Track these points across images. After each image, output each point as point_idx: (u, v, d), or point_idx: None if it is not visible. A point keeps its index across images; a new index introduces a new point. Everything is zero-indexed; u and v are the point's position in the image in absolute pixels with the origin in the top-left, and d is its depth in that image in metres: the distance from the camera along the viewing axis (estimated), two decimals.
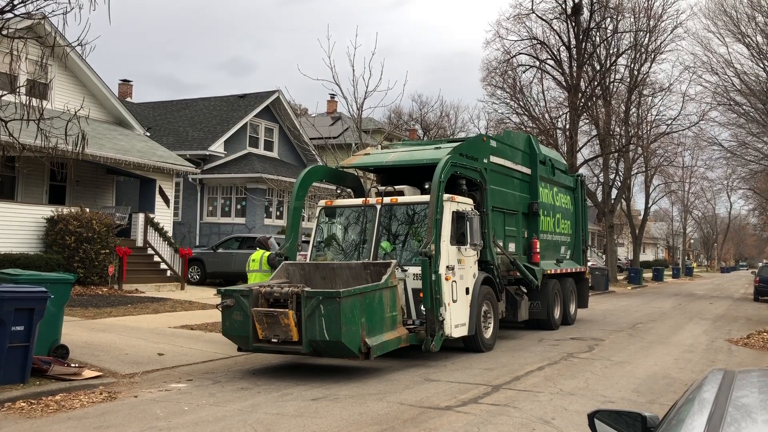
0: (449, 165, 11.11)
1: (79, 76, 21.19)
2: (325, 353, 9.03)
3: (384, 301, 9.31)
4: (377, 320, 9.09)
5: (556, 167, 16.44)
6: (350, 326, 8.53)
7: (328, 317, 8.47)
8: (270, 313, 8.80)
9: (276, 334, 8.83)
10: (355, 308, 8.65)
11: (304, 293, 8.69)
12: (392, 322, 9.48)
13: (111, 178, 23.11)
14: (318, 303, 8.54)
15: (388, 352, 9.39)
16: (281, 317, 8.70)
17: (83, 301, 15.34)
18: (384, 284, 9.38)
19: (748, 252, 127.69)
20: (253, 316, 8.92)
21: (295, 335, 8.72)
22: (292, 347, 8.86)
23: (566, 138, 37.05)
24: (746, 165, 38.66)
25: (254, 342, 9.04)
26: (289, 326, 8.68)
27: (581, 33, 36.39)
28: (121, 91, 32.89)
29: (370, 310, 8.95)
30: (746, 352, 12.90)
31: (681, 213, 72.66)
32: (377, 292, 9.18)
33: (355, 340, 8.62)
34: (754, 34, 25.03)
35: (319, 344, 8.66)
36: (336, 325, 8.42)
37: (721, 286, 45.88)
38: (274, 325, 8.81)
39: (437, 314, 10.04)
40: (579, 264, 17.31)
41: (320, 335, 8.52)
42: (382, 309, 9.27)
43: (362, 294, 8.87)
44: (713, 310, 23.29)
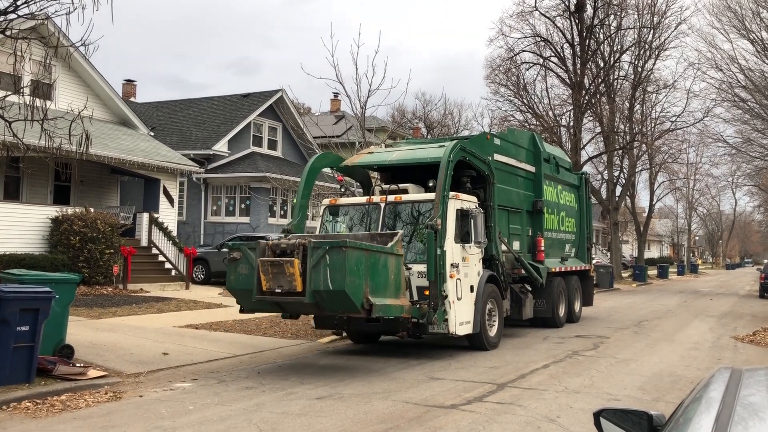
0: (458, 148, 11.23)
1: (82, 76, 21.22)
2: (328, 306, 8.80)
3: (389, 266, 9.22)
4: (381, 282, 8.97)
5: (560, 165, 16.40)
6: (354, 278, 8.40)
7: (333, 267, 8.35)
8: (276, 262, 8.67)
9: (280, 285, 8.69)
10: (360, 263, 8.52)
11: (311, 243, 8.63)
12: (396, 289, 9.34)
13: (115, 178, 23.14)
14: (324, 253, 8.42)
15: (391, 349, 9.39)
16: (287, 266, 8.57)
17: (88, 301, 15.37)
18: (390, 249, 9.33)
19: (753, 249, 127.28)
20: (258, 267, 8.78)
21: (299, 285, 8.57)
22: (295, 298, 8.69)
23: (570, 135, 36.97)
24: (751, 161, 38.52)
25: (257, 294, 8.87)
26: (294, 276, 8.55)
27: (585, 30, 36.29)
28: (125, 91, 32.94)
29: (374, 270, 8.84)
30: (752, 349, 12.86)
31: (686, 210, 72.45)
32: (383, 255, 9.10)
33: (358, 294, 8.46)
34: (758, 30, 24.92)
35: (323, 295, 8.51)
36: (341, 275, 8.30)
37: (727, 283, 45.75)
38: (278, 275, 8.68)
39: (440, 288, 10.00)
40: (584, 262, 17.27)
41: (324, 285, 8.39)
42: (387, 273, 9.17)
43: (368, 251, 8.76)
44: (719, 307, 23.22)
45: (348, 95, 19.02)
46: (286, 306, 9.11)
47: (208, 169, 27.07)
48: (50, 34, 14.80)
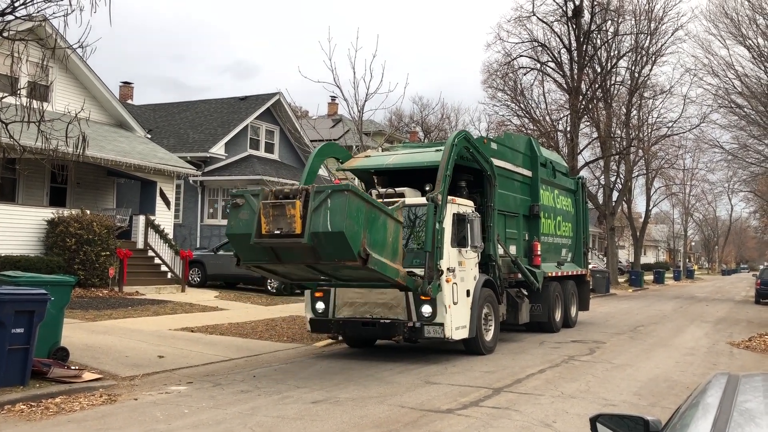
0: (463, 136, 11.50)
1: (80, 78, 21.19)
2: (324, 252, 8.66)
3: (388, 227, 9.24)
4: (379, 240, 8.98)
5: (557, 170, 16.43)
6: (353, 224, 8.43)
7: (333, 210, 8.42)
8: (278, 204, 8.71)
9: (279, 227, 8.69)
10: (360, 212, 8.57)
11: (314, 188, 8.76)
12: (393, 253, 9.30)
13: (112, 180, 23.09)
14: (326, 197, 8.51)
15: (387, 353, 9.37)
16: (288, 207, 8.61)
17: (83, 303, 15.33)
18: (390, 211, 9.37)
19: (749, 254, 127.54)
20: (260, 210, 8.81)
21: (298, 227, 8.57)
22: (293, 240, 8.63)
23: (567, 140, 37.02)
24: (747, 167, 38.61)
25: (256, 237, 8.84)
26: (294, 217, 8.57)
27: (582, 35, 36.38)
28: (122, 93, 32.90)
29: (373, 225, 8.87)
30: (748, 355, 12.87)
31: (682, 215, 72.62)
32: (383, 214, 9.13)
33: (356, 240, 8.43)
34: (755, 37, 25.01)
35: (320, 238, 8.49)
36: (340, 217, 8.36)
37: (723, 288, 45.82)
38: (279, 218, 8.70)
39: (437, 262, 10.03)
40: (580, 266, 17.28)
41: (323, 227, 8.42)
42: (385, 233, 9.18)
43: (369, 204, 8.80)
44: (714, 312, 23.25)
45: (345, 99, 19.05)
46: (282, 252, 9.02)
47: (204, 172, 27.04)
48: (48, 36, 14.78)
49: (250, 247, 9.05)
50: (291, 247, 8.82)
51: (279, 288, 21.01)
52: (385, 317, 10.66)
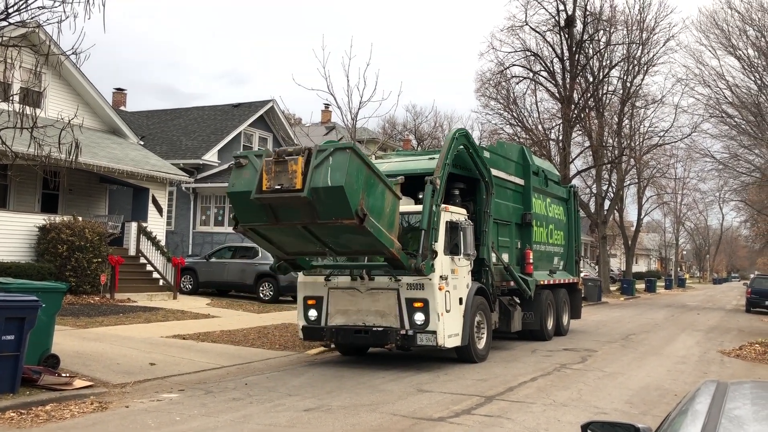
0: (463, 133, 11.92)
1: (73, 85, 21.16)
2: (323, 207, 8.73)
3: (386, 198, 9.37)
4: (377, 206, 9.09)
5: (549, 178, 16.49)
6: (353, 181, 8.58)
7: (334, 167, 8.57)
8: (280, 160, 8.83)
9: (280, 183, 8.79)
10: (360, 173, 8.74)
11: (317, 147, 8.95)
12: (389, 225, 9.40)
13: (104, 187, 23.02)
14: (328, 155, 8.67)
15: (379, 361, 9.37)
16: (290, 163, 8.74)
17: (75, 310, 15.25)
18: (390, 183, 9.55)
19: (740, 263, 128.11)
20: (262, 168, 8.93)
21: (299, 182, 8.68)
22: (293, 194, 8.73)
23: (559, 149, 37.18)
24: (738, 177, 38.83)
25: (256, 193, 8.93)
26: (296, 173, 8.68)
27: (574, 45, 36.61)
28: (115, 99, 32.86)
29: (371, 189, 9.01)
30: (739, 363, 12.93)
31: (673, 224, 72.98)
32: (382, 183, 9.28)
33: (355, 197, 8.57)
34: (745, 48, 25.24)
35: (320, 192, 8.60)
36: (341, 174, 8.49)
37: (714, 297, 46.01)
38: (281, 174, 8.80)
39: (431, 242, 10.17)
40: (572, 275, 17.33)
41: (323, 182, 8.55)
42: (383, 202, 9.31)
43: (369, 169, 8.96)
44: (706, 321, 23.35)
45: (339, 107, 19.08)
46: (280, 210, 9.06)
47: (197, 179, 26.99)
48: (41, 42, 14.78)
49: (249, 205, 9.11)
50: (289, 204, 8.88)
51: (273, 295, 20.98)
52: (378, 325, 10.66)
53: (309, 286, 11.33)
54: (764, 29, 24.34)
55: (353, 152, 8.68)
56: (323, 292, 11.14)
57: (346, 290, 10.95)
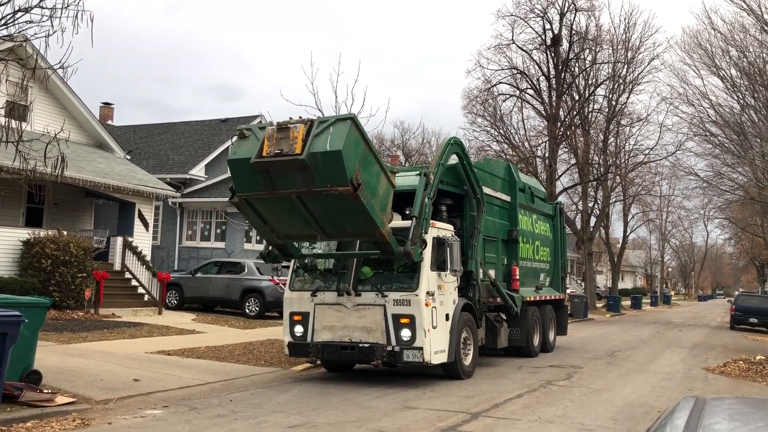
0: (458, 142, 12.41)
1: (59, 98, 21.09)
2: (320, 173, 8.86)
3: (381, 181, 9.52)
4: (371, 185, 9.26)
5: (535, 195, 16.60)
6: (351, 150, 8.78)
7: (334, 135, 8.81)
8: (283, 127, 9.10)
9: (281, 148, 8.98)
10: (358, 145, 9.00)
11: (319, 118, 9.26)
12: (382, 207, 9.55)
13: (90, 201, 22.90)
14: (329, 125, 8.93)
15: (365, 377, 9.32)
16: (292, 130, 9.00)
17: (58, 325, 15.10)
18: (387, 167, 9.78)
19: (725, 281, 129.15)
20: (265, 136, 9.16)
21: (299, 148, 8.88)
22: (292, 157, 8.89)
23: (545, 166, 37.45)
24: (722, 195, 39.15)
25: (255, 158, 9.09)
26: (297, 140, 8.92)
27: (560, 63, 37.02)
28: (103, 113, 32.75)
29: (367, 169, 9.19)
30: (723, 380, 13.00)
31: (659, 241, 73.39)
32: (378, 164, 9.50)
33: (352, 165, 8.78)
34: (728, 68, 25.57)
35: (318, 157, 8.78)
36: (339, 140, 8.71)
37: (699, 314, 46.28)
38: (282, 141, 9.03)
39: (422, 231, 10.35)
40: (558, 291, 17.39)
41: (322, 147, 8.76)
42: (378, 183, 9.45)
43: (367, 145, 9.21)
44: (690, 338, 23.47)
45: None
46: (277, 178, 9.15)
47: (184, 194, 26.93)
48: (28, 56, 14.71)
49: (247, 172, 9.23)
50: (287, 168, 9.02)
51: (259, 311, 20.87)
52: (364, 341, 10.63)
53: (295, 301, 11.30)
54: (746, 50, 24.72)
55: (353, 123, 8.95)
56: (309, 308, 11.11)
57: (332, 306, 10.93)
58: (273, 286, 20.44)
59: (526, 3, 36.59)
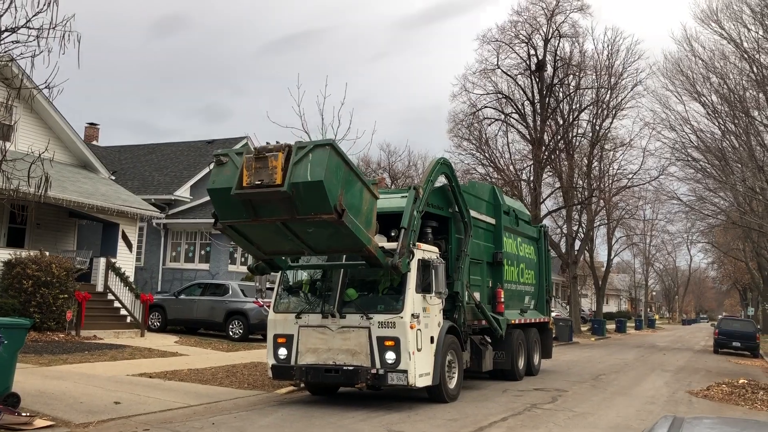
0: (447, 163, 12.65)
1: (44, 118, 21.01)
2: (303, 202, 8.81)
3: (364, 197, 9.52)
4: (355, 204, 9.25)
5: (520, 218, 16.69)
6: (332, 177, 8.72)
7: (314, 162, 8.71)
8: (261, 156, 8.93)
9: (261, 179, 8.85)
10: (339, 170, 8.91)
11: (297, 144, 9.06)
12: (366, 223, 9.57)
13: (73, 222, 22.72)
14: (308, 152, 8.82)
15: (349, 400, 9.27)
16: (271, 159, 8.85)
17: (38, 347, 14.89)
18: (368, 182, 9.80)
19: (708, 305, 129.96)
20: (243, 165, 9.01)
21: (279, 178, 8.76)
22: (273, 189, 8.80)
23: (530, 190, 37.73)
24: (704, 219, 39.60)
25: (236, 189, 8.99)
26: (276, 169, 8.79)
27: (545, 88, 37.50)
28: (88, 134, 32.65)
29: (350, 189, 9.16)
30: (706, 403, 13.04)
31: (643, 265, 73.93)
32: (360, 182, 9.48)
33: (334, 192, 8.72)
34: (709, 94, 26.01)
35: (300, 188, 8.70)
36: (320, 169, 8.63)
37: (683, 338, 46.47)
38: (261, 170, 8.88)
39: (410, 242, 10.41)
40: (543, 314, 17.42)
41: (303, 177, 8.68)
42: (361, 200, 9.44)
43: (347, 166, 9.13)
44: (674, 361, 23.56)
45: None
46: (260, 206, 9.09)
47: (169, 215, 26.80)
48: (14, 76, 14.68)
49: (229, 201, 9.16)
50: (269, 199, 8.94)
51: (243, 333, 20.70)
52: (349, 364, 10.57)
53: (279, 323, 11.24)
54: (726, 77, 25.18)
55: (332, 149, 8.86)
56: (293, 330, 11.04)
57: (316, 328, 10.88)
58: (257, 309, 20.29)
59: (511, 29, 37.21)
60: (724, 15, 24.24)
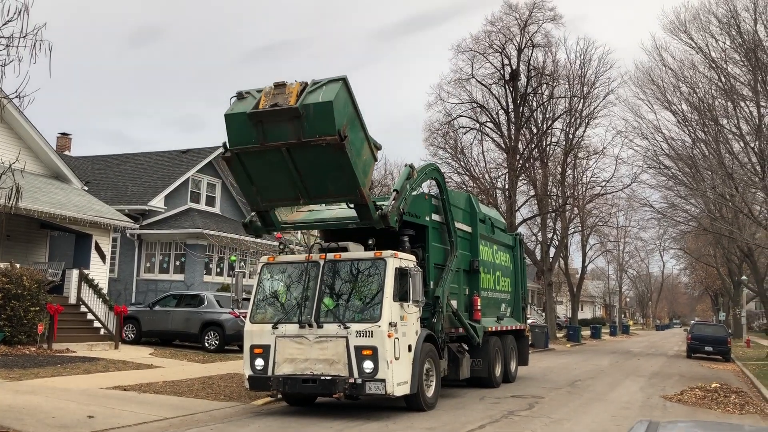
0: (436, 167, 13.74)
1: (14, 128, 20.70)
2: (311, 123, 9.56)
3: (364, 146, 10.32)
4: (356, 146, 10.01)
5: (496, 226, 16.80)
6: (341, 105, 9.63)
7: (326, 91, 9.66)
8: (280, 85, 9.90)
9: (275, 103, 9.70)
10: (347, 105, 9.87)
11: (313, 80, 9.97)
12: (363, 170, 10.27)
13: (45, 233, 22.36)
14: (323, 84, 9.76)
15: (327, 411, 9.22)
16: (288, 87, 9.84)
17: (8, 361, 14.60)
18: (371, 138, 10.59)
19: (681, 310, 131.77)
20: (262, 94, 9.92)
21: (293, 100, 9.64)
22: (285, 107, 9.60)
23: (505, 198, 38.02)
24: (676, 226, 40.25)
25: (252, 109, 9.80)
26: (292, 95, 9.71)
27: (519, 98, 37.87)
28: (60, 144, 32.20)
29: (354, 130, 9.94)
30: (680, 408, 13.21)
31: (616, 272, 74.70)
32: (363, 132, 10.28)
33: (340, 118, 9.59)
34: (679, 103, 26.50)
35: (310, 108, 9.55)
36: (332, 94, 9.55)
37: (656, 343, 47.03)
38: (277, 95, 9.79)
39: (400, 204, 11.06)
40: (519, 321, 17.52)
41: (314, 99, 9.60)
42: (361, 146, 10.21)
43: (355, 110, 10.03)
44: (649, 367, 23.82)
45: None
46: (269, 129, 9.81)
47: (143, 225, 26.50)
48: None
49: (242, 125, 9.93)
50: (280, 120, 9.72)
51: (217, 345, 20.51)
52: (326, 374, 10.54)
53: (256, 334, 11.16)
54: (696, 86, 25.68)
55: (344, 84, 9.79)
56: (270, 341, 10.98)
57: (294, 338, 10.83)
58: (233, 319, 20.11)
59: (485, 39, 37.55)
60: (693, 26, 24.78)
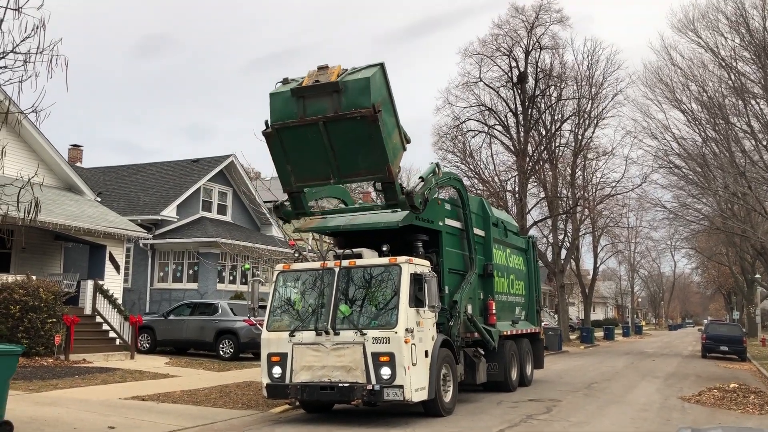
0: (457, 179, 13.90)
1: (29, 142, 20.89)
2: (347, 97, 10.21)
3: (395, 131, 10.88)
4: (389, 127, 10.56)
5: (508, 229, 16.78)
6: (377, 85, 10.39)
7: (365, 71, 10.42)
8: (323, 67, 10.59)
9: (317, 80, 10.45)
10: (382, 88, 10.59)
11: (352, 67, 10.71)
12: (394, 151, 10.78)
13: (59, 245, 22.53)
14: (362, 69, 10.52)
15: (345, 418, 9.22)
16: (330, 68, 10.57)
17: (27, 373, 14.71)
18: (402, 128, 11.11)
19: (693, 309, 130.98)
20: (306, 75, 10.69)
21: (334, 77, 10.38)
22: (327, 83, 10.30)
23: (516, 200, 37.94)
24: (688, 225, 40.02)
25: (296, 87, 10.56)
26: (333, 74, 10.43)
27: (527, 100, 37.83)
28: (71, 155, 32.43)
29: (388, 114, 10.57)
30: (699, 409, 13.14)
31: (628, 272, 74.37)
32: (394, 117, 10.85)
33: (376, 95, 10.27)
34: (688, 102, 26.36)
35: (349, 84, 10.24)
36: (369, 72, 10.29)
37: (670, 343, 46.76)
38: (320, 75, 10.51)
39: (425, 190, 11.48)
40: (534, 324, 17.48)
41: (352, 76, 10.32)
42: (392, 130, 10.75)
43: (389, 95, 10.73)
44: (664, 367, 23.70)
45: None
46: (310, 103, 10.48)
47: (155, 235, 26.64)
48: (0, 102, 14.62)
49: (284, 102, 10.63)
50: (320, 94, 10.41)
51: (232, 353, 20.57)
52: (344, 381, 10.55)
53: (273, 342, 11.20)
54: (705, 84, 25.57)
55: (381, 69, 10.58)
56: (287, 349, 11.01)
57: (310, 346, 10.85)
58: (248, 327, 20.19)
59: (493, 42, 37.55)
60: (701, 24, 24.67)
